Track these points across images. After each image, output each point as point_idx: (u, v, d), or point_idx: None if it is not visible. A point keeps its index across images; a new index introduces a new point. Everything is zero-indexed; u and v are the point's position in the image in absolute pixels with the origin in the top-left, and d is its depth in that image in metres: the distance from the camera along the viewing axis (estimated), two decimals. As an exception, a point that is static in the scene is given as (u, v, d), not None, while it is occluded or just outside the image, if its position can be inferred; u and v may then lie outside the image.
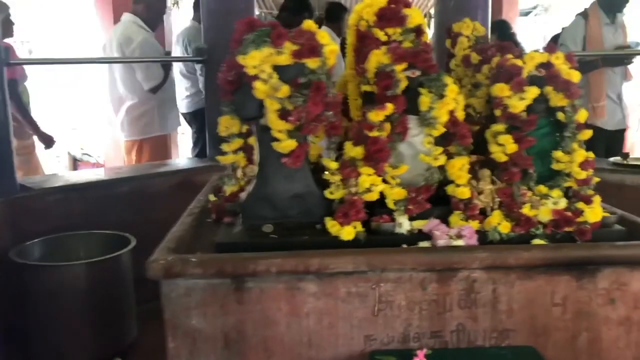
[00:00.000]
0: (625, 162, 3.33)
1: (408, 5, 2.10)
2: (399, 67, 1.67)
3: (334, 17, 4.89)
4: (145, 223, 2.89)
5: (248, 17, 1.69)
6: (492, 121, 1.82)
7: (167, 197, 3.20)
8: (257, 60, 1.55)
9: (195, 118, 4.44)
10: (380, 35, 2.03)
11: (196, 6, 4.58)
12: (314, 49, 1.58)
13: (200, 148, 4.50)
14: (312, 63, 1.59)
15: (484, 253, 1.50)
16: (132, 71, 3.76)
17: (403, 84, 1.66)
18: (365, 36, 2.06)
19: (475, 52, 2.08)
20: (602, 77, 3.22)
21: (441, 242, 1.55)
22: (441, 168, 1.69)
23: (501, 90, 1.70)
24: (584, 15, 3.36)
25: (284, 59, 1.57)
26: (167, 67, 3.91)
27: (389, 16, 2.02)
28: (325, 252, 1.49)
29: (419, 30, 2.08)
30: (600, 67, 3.15)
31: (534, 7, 13.40)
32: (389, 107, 1.63)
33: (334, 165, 1.66)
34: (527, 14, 12.96)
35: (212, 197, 2.04)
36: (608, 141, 3.47)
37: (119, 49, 3.75)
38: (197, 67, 4.44)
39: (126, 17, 3.85)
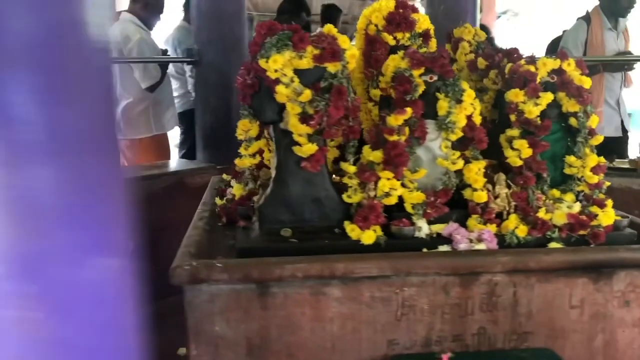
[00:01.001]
0: (611, 164, 3.41)
1: (415, 10, 2.11)
2: (416, 72, 1.67)
3: (331, 18, 4.93)
4: (139, 226, 2.85)
5: (269, 20, 1.67)
6: (501, 126, 1.85)
7: (160, 199, 3.16)
8: (279, 64, 1.54)
9: (184, 119, 4.39)
10: (389, 39, 2.04)
11: (186, 7, 4.54)
12: (336, 53, 1.58)
13: (187, 149, 4.46)
14: (333, 67, 1.59)
15: (506, 257, 1.52)
16: (130, 70, 3.70)
17: (421, 89, 1.67)
18: (375, 40, 2.07)
19: (482, 58, 2.10)
20: (601, 82, 3.26)
21: (462, 246, 1.57)
22: (455, 172, 1.71)
23: (516, 95, 1.72)
24: (586, 19, 3.38)
25: (306, 62, 1.56)
26: (164, 66, 3.87)
27: (399, 21, 2.03)
28: (351, 257, 1.49)
29: (426, 35, 2.10)
30: (601, 72, 3.19)
31: (504, 12, 13.66)
32: (408, 111, 1.63)
33: (352, 169, 1.66)
34: (497, 18, 13.20)
35: (219, 201, 2.02)
36: (605, 148, 3.51)
37: (117, 48, 3.70)
38: (187, 68, 4.40)
39: (124, 16, 3.80)
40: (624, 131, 3.57)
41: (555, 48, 3.69)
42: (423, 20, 2.09)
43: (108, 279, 0.44)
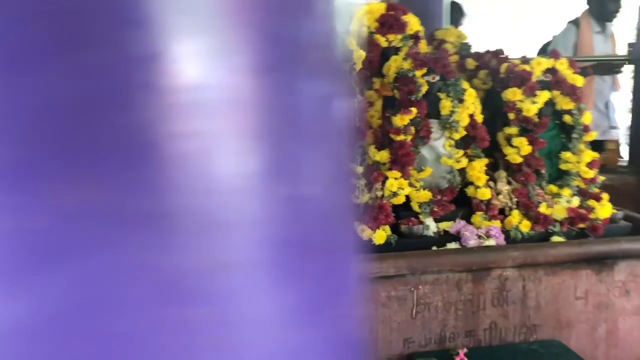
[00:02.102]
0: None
1: (406, 12, 2.14)
2: (419, 73, 1.70)
3: None
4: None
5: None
6: (491, 124, 1.89)
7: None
8: (288, 66, 1.53)
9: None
10: (382, 41, 2.06)
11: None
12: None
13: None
14: (340, 68, 1.59)
15: (516, 252, 1.56)
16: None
17: (424, 89, 1.69)
18: (367, 42, 2.08)
19: (472, 58, 2.14)
20: (590, 85, 3.29)
21: (472, 243, 1.59)
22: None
23: (514, 94, 1.77)
24: (576, 22, 3.47)
25: (314, 64, 1.56)
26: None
27: (391, 23, 2.05)
28: (368, 257, 1.49)
29: (417, 37, 2.13)
30: (590, 75, 3.24)
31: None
32: (414, 112, 1.65)
33: (359, 169, 1.67)
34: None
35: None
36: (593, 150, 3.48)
37: None
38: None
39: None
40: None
41: (545, 52, 3.73)
42: (413, 22, 2.12)
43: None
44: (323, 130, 0.38)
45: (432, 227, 1.64)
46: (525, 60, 1.84)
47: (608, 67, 3.34)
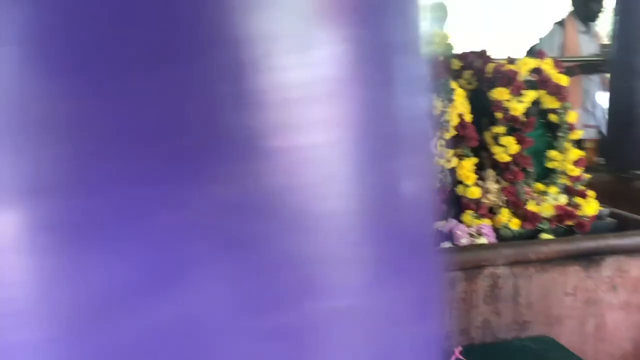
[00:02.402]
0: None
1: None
2: (409, 73, 1.70)
3: None
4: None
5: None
6: (475, 124, 1.91)
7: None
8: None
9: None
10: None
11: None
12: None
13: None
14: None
15: (508, 249, 1.57)
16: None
17: (414, 89, 1.70)
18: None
19: (457, 59, 2.16)
20: (578, 85, 3.32)
21: (464, 241, 1.61)
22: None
23: (501, 94, 1.79)
24: (561, 23, 3.51)
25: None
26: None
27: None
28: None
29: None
30: (577, 74, 3.25)
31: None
32: (404, 112, 1.66)
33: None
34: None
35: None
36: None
37: None
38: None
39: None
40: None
41: (532, 54, 3.75)
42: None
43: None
44: (412, 125, 0.39)
45: (423, 226, 1.65)
46: (511, 61, 1.86)
47: (594, 66, 3.38)
